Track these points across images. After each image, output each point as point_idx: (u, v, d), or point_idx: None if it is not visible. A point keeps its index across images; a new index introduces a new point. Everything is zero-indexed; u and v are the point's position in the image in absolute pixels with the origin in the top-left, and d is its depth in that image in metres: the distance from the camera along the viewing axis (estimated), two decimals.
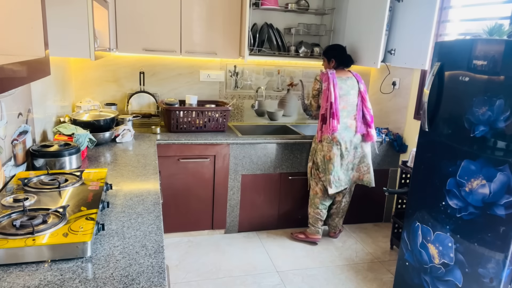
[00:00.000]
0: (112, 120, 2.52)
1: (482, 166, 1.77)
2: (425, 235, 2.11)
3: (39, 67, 1.06)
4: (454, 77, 1.91)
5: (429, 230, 2.08)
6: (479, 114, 1.77)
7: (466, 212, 1.85)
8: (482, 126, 1.76)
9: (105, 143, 2.44)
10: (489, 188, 1.73)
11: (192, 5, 2.86)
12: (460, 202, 1.89)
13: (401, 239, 2.31)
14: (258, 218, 3.15)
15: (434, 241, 2.05)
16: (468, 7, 2.67)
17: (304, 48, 3.33)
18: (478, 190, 1.79)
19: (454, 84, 1.91)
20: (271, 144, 2.98)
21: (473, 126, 1.80)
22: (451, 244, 1.94)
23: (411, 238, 2.22)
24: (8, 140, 1.58)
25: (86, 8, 1.81)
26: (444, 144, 1.99)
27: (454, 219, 1.92)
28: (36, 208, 1.29)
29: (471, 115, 1.81)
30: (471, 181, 1.83)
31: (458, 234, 1.90)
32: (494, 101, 1.70)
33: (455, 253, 1.91)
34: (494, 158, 1.71)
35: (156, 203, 1.56)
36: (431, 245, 2.07)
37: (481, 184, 1.77)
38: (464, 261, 1.87)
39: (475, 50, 1.79)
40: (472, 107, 1.80)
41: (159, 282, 1.04)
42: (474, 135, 1.80)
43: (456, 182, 1.90)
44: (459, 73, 1.88)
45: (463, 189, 1.87)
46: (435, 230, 2.04)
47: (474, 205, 1.81)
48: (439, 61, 1.99)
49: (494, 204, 1.71)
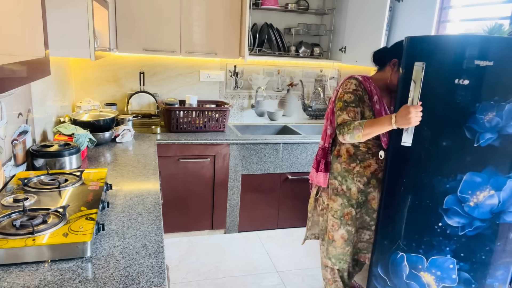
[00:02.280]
0: (112, 120, 2.52)
1: (489, 177, 1.60)
2: (415, 265, 1.78)
3: (39, 67, 1.06)
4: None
5: (420, 258, 1.78)
6: (485, 121, 1.58)
7: (471, 228, 1.66)
8: (489, 133, 1.58)
9: (105, 143, 2.44)
10: (498, 198, 1.59)
11: (192, 5, 2.87)
12: (463, 219, 1.67)
13: (372, 276, 1.92)
14: (258, 218, 3.15)
15: (429, 268, 1.77)
16: (468, 7, 2.67)
17: (304, 48, 3.34)
18: (485, 202, 1.62)
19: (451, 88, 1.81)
20: (271, 144, 2.98)
21: (478, 135, 1.60)
22: (452, 266, 1.72)
23: (392, 272, 1.86)
24: (8, 140, 1.58)
25: (86, 8, 1.81)
26: (437, 158, 1.70)
27: (456, 238, 1.69)
28: (36, 208, 1.29)
29: (474, 123, 1.60)
30: (476, 194, 1.63)
31: (462, 253, 1.69)
32: (503, 105, 1.54)
33: (458, 273, 1.71)
34: (503, 166, 1.57)
35: (156, 203, 1.56)
36: (424, 273, 1.79)
37: (489, 195, 1.61)
38: (470, 278, 1.71)
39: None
40: (476, 113, 1.59)
41: (159, 282, 1.04)
42: (479, 144, 1.59)
43: (457, 199, 1.66)
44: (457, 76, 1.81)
45: (466, 205, 1.65)
46: (429, 256, 1.76)
47: (481, 218, 1.64)
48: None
49: (503, 212, 1.60)
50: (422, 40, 1.69)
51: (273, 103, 3.58)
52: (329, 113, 2.03)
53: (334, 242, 2.07)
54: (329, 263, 2.12)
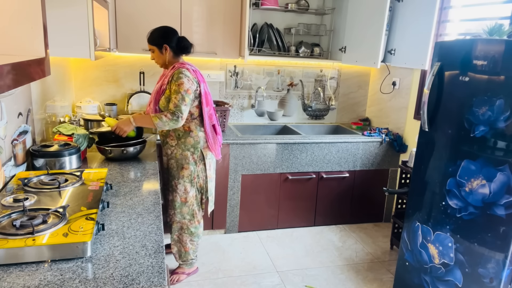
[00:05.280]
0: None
1: (482, 166, 1.77)
2: (425, 235, 2.11)
3: (39, 67, 1.06)
4: (454, 77, 1.91)
5: (429, 230, 2.08)
6: (479, 114, 1.77)
7: (466, 212, 1.85)
8: (482, 126, 1.76)
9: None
10: (489, 188, 1.73)
11: (192, 5, 2.86)
12: (460, 202, 1.89)
13: (401, 239, 2.31)
14: (258, 218, 3.15)
15: (434, 241, 2.05)
16: (468, 7, 2.67)
17: (304, 48, 3.34)
18: (478, 190, 1.79)
19: (454, 84, 1.91)
20: (271, 144, 2.98)
21: (473, 126, 1.80)
22: (451, 244, 1.94)
23: (411, 238, 2.22)
24: (8, 140, 1.58)
25: (86, 8, 1.82)
26: (444, 144, 1.98)
27: (454, 219, 1.92)
28: (36, 208, 1.29)
29: (471, 115, 1.81)
30: (471, 181, 1.82)
31: (458, 234, 1.90)
32: (494, 101, 1.69)
33: (455, 253, 1.91)
34: (494, 158, 1.71)
35: (156, 203, 1.56)
36: (431, 245, 2.07)
37: (481, 184, 1.77)
38: (464, 261, 1.87)
39: (475, 50, 1.79)
40: (472, 107, 1.80)
41: (159, 282, 1.04)
42: (474, 135, 1.80)
43: (456, 182, 1.90)
44: (459, 73, 1.88)
45: (463, 189, 1.87)
46: (435, 230, 2.04)
47: (474, 205, 1.81)
48: (439, 61, 1.99)
49: (494, 204, 1.71)
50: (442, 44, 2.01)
51: (273, 103, 3.58)
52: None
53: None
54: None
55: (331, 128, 3.67)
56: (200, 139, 2.25)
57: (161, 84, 2.17)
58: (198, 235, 2.41)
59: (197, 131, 2.23)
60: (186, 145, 2.23)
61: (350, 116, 3.80)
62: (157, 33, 2.18)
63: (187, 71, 2.11)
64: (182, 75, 2.09)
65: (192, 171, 2.26)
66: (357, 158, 3.20)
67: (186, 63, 2.19)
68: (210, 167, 2.34)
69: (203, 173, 2.31)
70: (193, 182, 2.28)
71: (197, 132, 2.23)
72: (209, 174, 2.33)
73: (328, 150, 3.11)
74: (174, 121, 2.05)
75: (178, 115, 2.05)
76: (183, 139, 2.23)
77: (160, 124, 2.06)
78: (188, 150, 2.24)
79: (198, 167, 2.28)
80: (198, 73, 2.21)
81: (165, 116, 2.05)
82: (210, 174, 2.34)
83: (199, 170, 2.28)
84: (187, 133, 2.22)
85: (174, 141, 2.25)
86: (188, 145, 2.23)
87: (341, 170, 3.20)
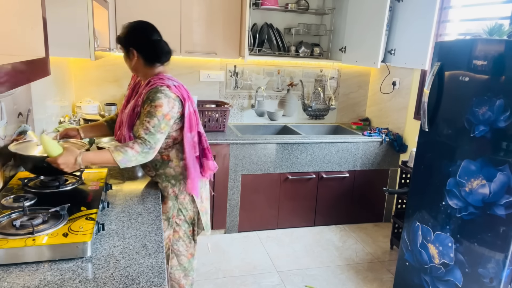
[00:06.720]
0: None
1: (482, 166, 1.77)
2: (425, 235, 2.11)
3: (39, 67, 1.06)
4: (454, 77, 1.91)
5: (429, 230, 2.08)
6: (479, 114, 1.77)
7: (466, 212, 1.85)
8: (482, 126, 1.76)
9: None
10: (489, 188, 1.73)
11: (192, 5, 2.86)
12: (460, 202, 1.88)
13: (401, 239, 2.31)
14: (258, 218, 3.15)
15: (434, 241, 2.05)
16: (468, 7, 2.67)
17: (304, 48, 3.34)
18: (478, 190, 1.79)
19: (454, 84, 1.91)
20: (271, 144, 2.98)
21: (473, 126, 1.80)
22: (451, 244, 1.94)
23: (411, 238, 2.22)
24: (8, 140, 1.58)
25: (86, 8, 1.81)
26: (444, 144, 1.98)
27: (454, 219, 1.92)
28: (36, 208, 1.29)
29: (471, 115, 1.81)
30: (471, 181, 1.82)
31: (458, 234, 1.90)
32: (494, 101, 1.69)
33: (455, 253, 1.91)
34: (494, 158, 1.71)
35: (156, 203, 1.56)
36: (431, 245, 2.07)
37: (481, 184, 1.77)
38: (464, 261, 1.87)
39: (475, 50, 1.79)
40: (472, 107, 1.80)
41: (159, 282, 1.04)
42: (474, 135, 1.80)
43: (456, 182, 1.90)
44: (459, 73, 1.88)
45: (463, 189, 1.86)
46: (435, 230, 2.04)
47: (474, 205, 1.81)
48: (439, 61, 1.99)
49: (494, 204, 1.71)
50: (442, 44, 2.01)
51: (273, 103, 3.58)
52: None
53: None
54: None
55: (331, 128, 3.67)
56: (182, 170, 1.74)
57: (135, 105, 1.64)
58: (193, 269, 1.93)
59: (178, 161, 1.73)
60: (166, 176, 1.74)
61: (350, 116, 3.80)
62: (124, 29, 1.65)
63: (167, 90, 1.56)
64: (162, 95, 1.54)
65: (170, 207, 1.75)
66: (357, 158, 3.20)
67: (165, 77, 1.63)
68: (202, 198, 1.83)
69: (191, 204, 1.79)
70: (170, 221, 1.77)
71: (178, 161, 1.73)
72: (201, 207, 1.81)
73: (328, 150, 3.11)
74: (143, 155, 1.52)
75: (149, 146, 1.52)
76: (162, 170, 1.74)
77: (124, 160, 1.48)
78: (169, 182, 1.75)
79: (184, 200, 1.77)
80: (182, 89, 1.65)
81: (131, 149, 1.49)
82: (202, 207, 1.83)
83: (185, 202, 1.77)
84: (166, 163, 1.73)
85: (151, 172, 1.78)
86: (169, 177, 1.74)
87: (341, 170, 3.20)
